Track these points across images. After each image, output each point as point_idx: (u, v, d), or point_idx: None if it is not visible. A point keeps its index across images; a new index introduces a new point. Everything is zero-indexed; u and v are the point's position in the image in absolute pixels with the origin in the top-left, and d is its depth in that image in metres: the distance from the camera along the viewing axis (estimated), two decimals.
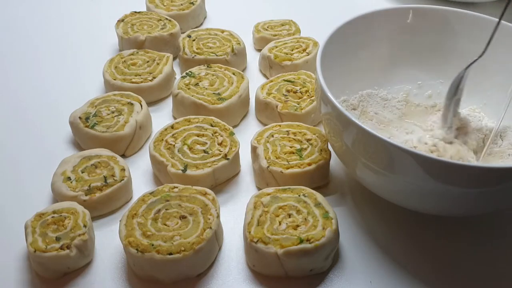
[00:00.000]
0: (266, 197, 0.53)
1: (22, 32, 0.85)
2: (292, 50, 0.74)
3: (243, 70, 0.77)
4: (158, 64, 0.71)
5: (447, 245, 0.54)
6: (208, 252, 0.50)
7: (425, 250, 0.53)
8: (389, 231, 0.55)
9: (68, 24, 0.88)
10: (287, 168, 0.56)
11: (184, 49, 0.74)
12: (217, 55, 0.73)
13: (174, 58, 0.77)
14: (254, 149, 0.59)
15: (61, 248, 0.49)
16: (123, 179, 0.56)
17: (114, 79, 0.69)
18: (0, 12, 0.90)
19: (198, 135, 0.60)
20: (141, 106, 0.65)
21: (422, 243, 0.54)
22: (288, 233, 0.49)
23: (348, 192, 0.59)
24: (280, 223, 0.50)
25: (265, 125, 0.64)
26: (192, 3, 0.85)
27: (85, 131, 0.61)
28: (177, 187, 0.54)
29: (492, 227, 0.56)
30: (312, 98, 0.66)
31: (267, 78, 0.75)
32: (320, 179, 0.58)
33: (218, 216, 0.51)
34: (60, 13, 0.91)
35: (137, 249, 0.48)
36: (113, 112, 0.63)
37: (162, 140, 0.60)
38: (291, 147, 0.59)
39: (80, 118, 0.63)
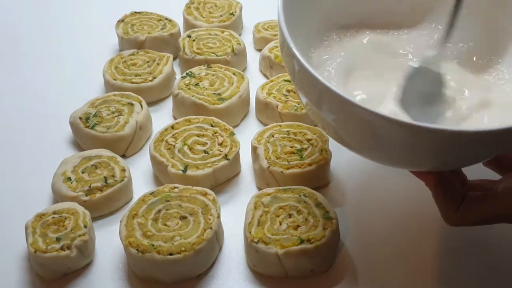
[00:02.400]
0: (267, 197, 0.53)
1: (22, 32, 0.85)
2: None
3: (243, 70, 0.77)
4: (158, 64, 0.71)
5: (448, 245, 0.54)
6: (208, 253, 0.50)
7: (425, 250, 0.53)
8: (389, 232, 0.55)
9: (68, 24, 0.88)
10: (288, 168, 0.56)
11: (184, 49, 0.74)
12: (217, 55, 0.73)
13: (174, 58, 0.77)
14: (254, 149, 0.59)
15: (62, 248, 0.49)
16: (123, 180, 0.56)
17: (114, 79, 0.69)
18: (0, 12, 0.90)
19: (198, 135, 0.60)
20: (141, 106, 0.65)
21: (422, 244, 0.54)
22: (289, 233, 0.49)
23: (349, 192, 0.59)
24: (280, 223, 0.50)
25: (266, 125, 0.64)
26: (232, 13, 0.83)
27: (85, 131, 0.61)
28: (177, 188, 0.54)
29: (494, 228, 0.56)
30: None
31: (268, 78, 0.75)
32: (320, 179, 0.58)
33: (218, 217, 0.51)
34: (60, 13, 0.90)
35: (137, 250, 0.48)
36: (113, 113, 0.63)
37: (162, 140, 0.60)
38: (291, 147, 0.59)
39: (80, 118, 0.63)
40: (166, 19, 0.80)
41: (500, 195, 0.43)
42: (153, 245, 0.48)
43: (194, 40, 0.76)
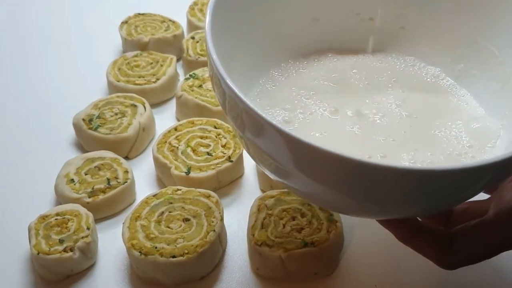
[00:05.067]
0: (270, 200, 0.52)
1: (25, 34, 0.85)
2: None
3: None
4: (161, 65, 0.71)
5: None
6: (211, 255, 0.50)
7: None
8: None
9: (72, 25, 0.88)
10: None
11: (187, 51, 0.74)
12: None
13: (178, 60, 0.77)
14: None
15: (64, 250, 0.49)
16: (126, 181, 0.56)
17: (118, 81, 0.69)
18: (3, 13, 0.90)
19: (201, 137, 0.60)
20: (145, 108, 0.64)
21: None
22: (292, 236, 0.49)
23: None
24: (284, 226, 0.50)
25: None
26: None
27: (88, 133, 0.61)
28: (180, 190, 0.54)
29: None
30: None
31: None
32: None
33: (221, 219, 0.51)
34: (64, 14, 0.90)
35: (140, 252, 0.48)
36: (116, 114, 0.63)
37: (166, 142, 0.59)
38: None
39: (83, 120, 0.62)
40: (170, 20, 0.80)
41: (493, 222, 0.37)
42: (156, 248, 0.48)
43: (197, 42, 0.75)
